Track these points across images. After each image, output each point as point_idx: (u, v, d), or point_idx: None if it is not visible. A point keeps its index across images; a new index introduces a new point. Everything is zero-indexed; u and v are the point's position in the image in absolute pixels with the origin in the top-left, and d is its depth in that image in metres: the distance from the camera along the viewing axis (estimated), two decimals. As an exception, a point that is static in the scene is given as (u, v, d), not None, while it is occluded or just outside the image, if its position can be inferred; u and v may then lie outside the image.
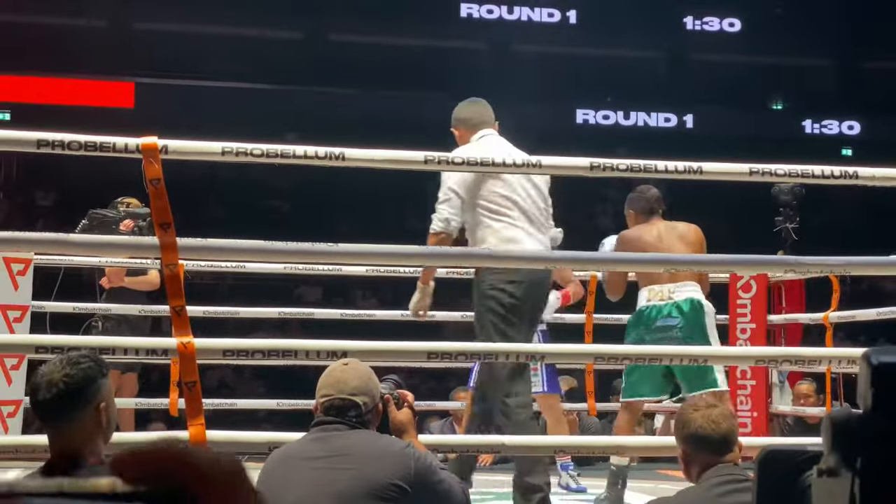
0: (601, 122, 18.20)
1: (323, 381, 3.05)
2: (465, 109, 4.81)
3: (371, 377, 3.06)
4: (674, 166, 3.83)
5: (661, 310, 5.17)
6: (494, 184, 4.42)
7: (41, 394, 2.70)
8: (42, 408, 2.72)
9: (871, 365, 1.05)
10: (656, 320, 5.16)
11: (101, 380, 2.74)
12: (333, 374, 3.04)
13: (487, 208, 4.44)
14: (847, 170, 3.90)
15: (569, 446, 4.06)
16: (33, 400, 2.75)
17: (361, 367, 3.09)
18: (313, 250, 3.95)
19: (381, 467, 2.86)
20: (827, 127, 18.69)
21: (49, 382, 2.69)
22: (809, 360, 3.95)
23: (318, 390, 3.04)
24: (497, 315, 4.20)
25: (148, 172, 3.63)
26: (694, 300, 5.13)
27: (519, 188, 4.46)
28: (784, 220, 7.20)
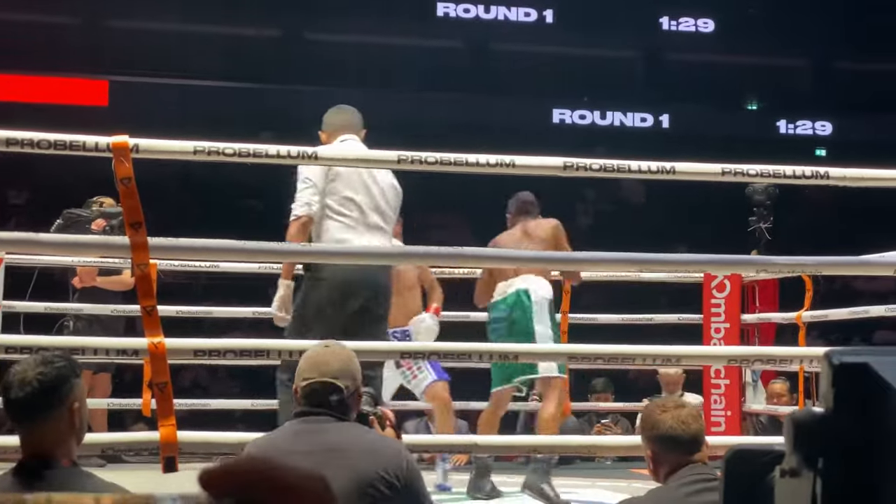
0: (577, 122, 18.23)
1: (303, 364, 2.98)
2: (330, 115, 5.00)
3: (353, 360, 3.00)
4: (647, 166, 3.84)
5: (495, 306, 5.37)
6: (340, 184, 4.54)
7: (14, 392, 2.67)
8: (15, 406, 2.69)
9: (833, 365, 1.05)
10: (493, 314, 5.36)
11: (75, 379, 2.72)
12: (315, 357, 2.98)
13: (330, 206, 4.55)
14: (818, 170, 3.92)
15: (542, 445, 4.06)
16: (5, 398, 2.71)
17: (343, 351, 3.02)
18: (283, 249, 3.94)
19: (374, 462, 2.79)
20: (801, 127, 18.78)
21: (22, 381, 2.66)
22: (781, 360, 3.97)
23: (299, 374, 2.97)
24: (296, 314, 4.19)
25: (118, 171, 3.62)
26: (520, 290, 5.24)
27: (362, 191, 4.57)
28: (758, 219, 7.24)
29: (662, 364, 3.97)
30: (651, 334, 7.80)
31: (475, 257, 4.43)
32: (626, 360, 3.83)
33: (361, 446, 2.83)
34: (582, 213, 17.59)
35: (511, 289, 5.30)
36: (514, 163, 3.77)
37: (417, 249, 4.18)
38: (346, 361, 2.96)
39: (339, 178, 4.53)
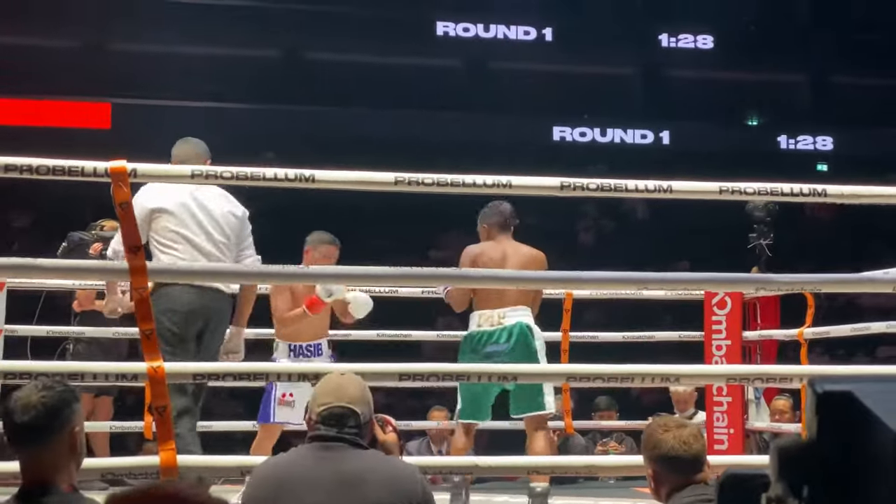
0: (578, 139, 18.25)
1: (320, 389, 3.00)
2: (175, 148, 5.07)
3: (367, 389, 3.04)
4: (644, 185, 3.84)
5: (491, 335, 5.20)
6: (167, 219, 4.70)
7: (17, 417, 2.69)
8: (17, 432, 2.71)
9: (816, 393, 1.06)
10: (486, 346, 5.19)
11: (75, 404, 2.77)
12: (332, 383, 3.01)
13: (159, 241, 4.70)
14: (816, 187, 3.92)
15: (545, 466, 4.06)
16: (7, 424, 2.73)
17: (357, 378, 3.07)
18: (284, 272, 3.94)
19: (393, 492, 2.82)
20: (802, 142, 18.78)
21: (25, 406, 2.69)
22: (781, 378, 3.96)
23: (315, 399, 2.98)
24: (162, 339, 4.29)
25: (117, 196, 3.63)
26: (523, 325, 5.18)
27: (192, 224, 4.70)
28: (758, 236, 7.22)
29: (662, 383, 3.96)
30: (653, 352, 7.79)
31: (475, 278, 4.44)
32: (625, 379, 3.83)
33: (380, 475, 2.85)
34: (583, 230, 17.59)
35: (507, 320, 5.20)
36: (510, 183, 3.77)
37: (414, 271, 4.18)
38: (362, 389, 3.01)
39: (165, 214, 4.71)
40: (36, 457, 2.69)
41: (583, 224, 17.60)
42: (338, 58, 17.71)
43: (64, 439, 2.70)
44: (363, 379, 3.26)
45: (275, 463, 3.05)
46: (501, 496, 5.99)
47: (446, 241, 16.42)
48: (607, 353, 7.36)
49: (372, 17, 17.54)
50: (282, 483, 2.87)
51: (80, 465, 2.81)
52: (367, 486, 2.81)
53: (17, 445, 2.73)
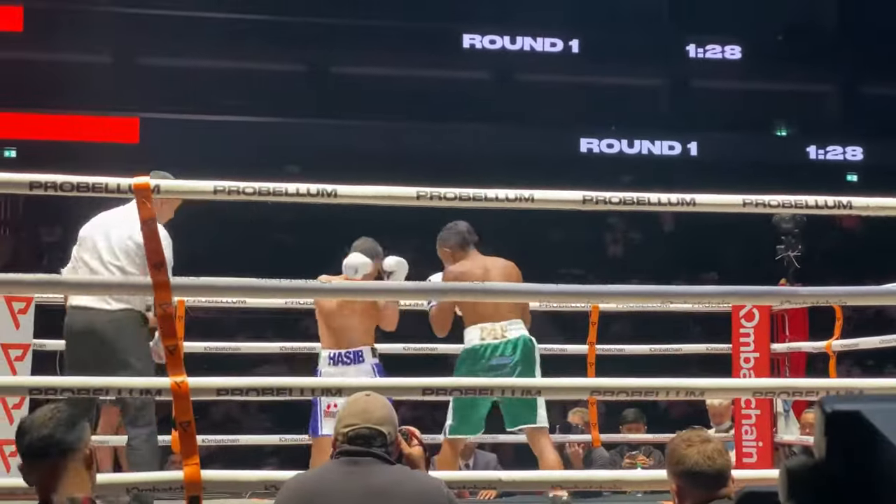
0: (605, 151, 18.21)
1: (345, 410, 3.01)
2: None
3: (392, 409, 3.06)
4: (667, 198, 3.83)
5: (496, 348, 5.23)
6: (80, 248, 4.94)
7: (32, 435, 2.75)
8: (32, 449, 2.75)
9: (825, 413, 1.05)
10: (491, 359, 5.21)
11: (85, 423, 2.83)
12: (358, 404, 3.02)
13: (76, 269, 4.90)
14: (842, 200, 3.89)
15: (569, 481, 4.05)
16: (23, 443, 2.78)
17: (383, 399, 3.08)
18: (307, 287, 3.95)
19: None
20: (831, 153, 18.67)
21: (39, 425, 2.75)
22: (808, 391, 3.93)
23: (340, 420, 2.99)
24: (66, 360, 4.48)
25: (141, 213, 3.65)
26: (525, 338, 5.23)
27: (92, 252, 4.88)
28: (786, 248, 7.17)
29: (687, 397, 3.95)
30: (682, 364, 7.75)
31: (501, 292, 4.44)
32: (650, 393, 3.81)
33: (406, 489, 2.87)
34: (611, 242, 17.56)
35: (510, 333, 5.22)
36: (533, 197, 3.76)
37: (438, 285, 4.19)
38: (388, 409, 3.02)
39: (81, 242, 4.96)
40: (51, 474, 2.74)
41: (611, 236, 17.56)
42: (363, 71, 17.77)
43: (78, 457, 2.77)
44: (388, 393, 3.27)
45: (304, 478, 3.07)
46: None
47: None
48: (635, 365, 7.36)
49: (398, 30, 17.60)
50: (311, 497, 2.89)
51: (95, 482, 2.86)
52: (394, 500, 2.82)
53: (32, 464, 2.79)
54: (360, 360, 5.65)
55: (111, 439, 6.61)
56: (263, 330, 12.17)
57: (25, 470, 2.81)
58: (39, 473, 2.77)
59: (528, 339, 5.24)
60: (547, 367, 6.20)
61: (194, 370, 5.48)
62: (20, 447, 2.81)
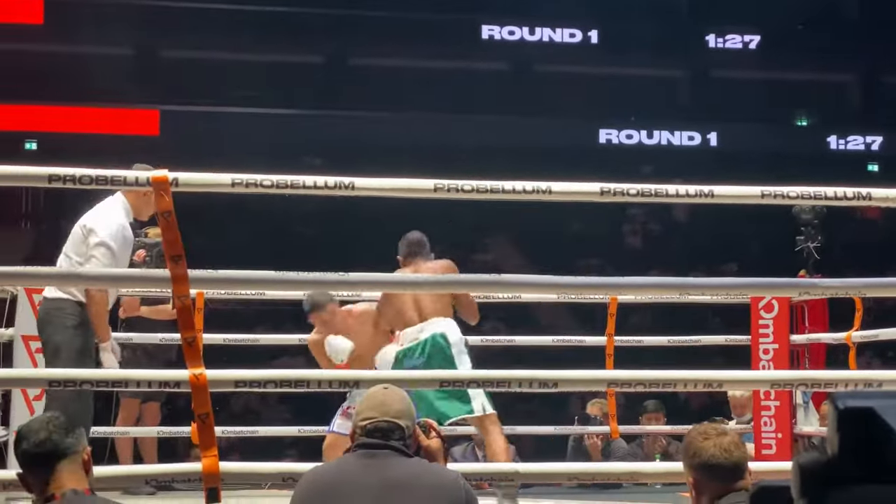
0: (624, 142, 18.15)
1: (363, 404, 3.02)
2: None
3: (410, 402, 3.06)
4: (685, 190, 3.82)
5: (408, 352, 5.20)
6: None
7: (31, 439, 2.80)
8: (31, 454, 2.81)
9: (837, 409, 1.04)
10: (404, 363, 5.19)
11: (80, 429, 2.90)
12: (376, 397, 3.02)
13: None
14: (861, 191, 3.87)
15: (586, 473, 4.04)
16: (22, 449, 2.84)
17: (401, 392, 3.09)
18: (323, 280, 3.96)
19: (441, 500, 2.84)
20: (852, 142, 18.57)
21: (36, 430, 2.81)
22: (826, 383, 3.92)
23: (358, 414, 3.00)
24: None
25: (159, 205, 3.66)
26: (436, 335, 5.14)
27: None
28: (805, 239, 7.15)
29: (704, 389, 3.94)
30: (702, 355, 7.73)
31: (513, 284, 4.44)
32: (668, 385, 3.81)
33: (424, 482, 2.87)
34: (630, 233, 17.52)
35: (423, 334, 5.17)
36: (550, 189, 3.76)
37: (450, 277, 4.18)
38: (406, 403, 3.03)
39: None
40: (50, 479, 2.78)
41: (630, 227, 17.52)
42: (382, 63, 17.76)
43: (76, 460, 2.82)
44: (406, 385, 3.27)
45: (322, 470, 3.08)
46: (546, 501, 5.98)
47: (493, 245, 16.43)
48: (654, 356, 7.35)
49: (416, 22, 17.58)
50: (328, 489, 2.90)
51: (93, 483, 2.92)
52: (412, 492, 2.83)
53: (31, 469, 2.83)
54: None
55: (132, 430, 6.65)
56: (282, 321, 12.20)
57: (25, 475, 2.85)
58: (38, 479, 2.81)
59: (437, 336, 5.14)
60: (565, 359, 6.20)
61: (213, 362, 5.53)
62: (18, 454, 2.87)
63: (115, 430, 6.47)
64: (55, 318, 4.91)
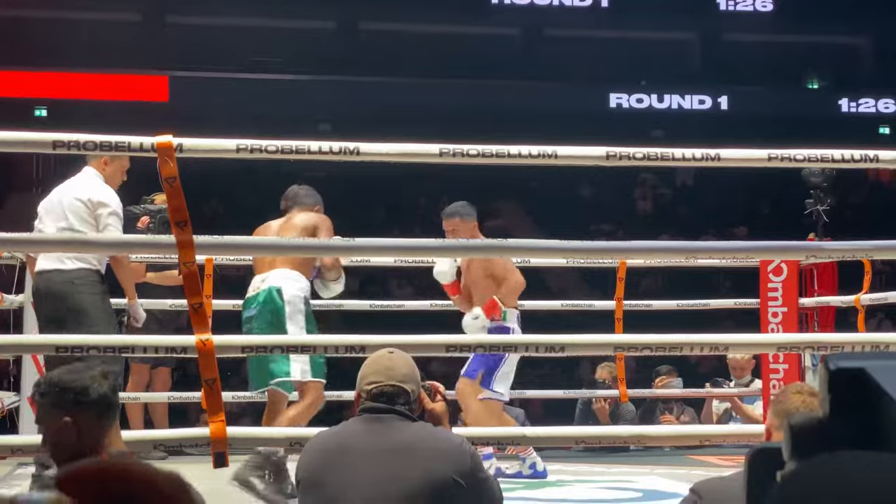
0: (635, 106, 18.08)
1: (369, 368, 3.01)
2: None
3: (415, 366, 3.05)
4: (691, 154, 3.80)
5: (247, 302, 5.05)
6: (40, 221, 5.33)
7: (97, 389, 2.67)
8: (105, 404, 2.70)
9: (829, 370, 1.04)
10: (244, 313, 5.07)
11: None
12: (381, 362, 3.01)
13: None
14: (868, 153, 3.85)
15: (592, 436, 4.05)
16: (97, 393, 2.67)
17: (406, 356, 3.07)
18: (329, 245, 3.96)
19: (444, 463, 2.84)
20: (863, 105, 18.48)
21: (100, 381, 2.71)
22: (833, 347, 3.92)
23: (363, 378, 2.99)
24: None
25: (163, 171, 3.65)
26: (272, 288, 4.90)
27: (44, 216, 5.25)
28: (815, 202, 7.12)
29: (711, 352, 3.94)
30: (712, 318, 7.73)
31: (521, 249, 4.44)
32: (674, 349, 3.81)
33: (429, 444, 2.87)
34: (640, 197, 17.49)
35: (264, 285, 4.96)
36: (556, 154, 3.75)
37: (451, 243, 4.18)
38: (411, 367, 3.02)
39: (39, 218, 5.32)
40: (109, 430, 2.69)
41: (640, 191, 17.49)
42: (393, 27, 17.70)
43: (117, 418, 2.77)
44: (412, 350, 3.27)
45: (327, 435, 3.07)
46: (555, 464, 6.00)
47: (504, 210, 16.41)
48: (664, 320, 7.35)
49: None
50: (334, 452, 2.90)
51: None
52: (417, 455, 2.84)
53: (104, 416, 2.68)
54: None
55: (142, 396, 6.68)
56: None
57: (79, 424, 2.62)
58: (97, 430, 2.64)
59: (272, 290, 4.91)
60: (574, 323, 6.21)
61: (223, 328, 5.54)
62: (88, 398, 2.65)
63: (126, 396, 6.50)
64: (81, 287, 4.96)
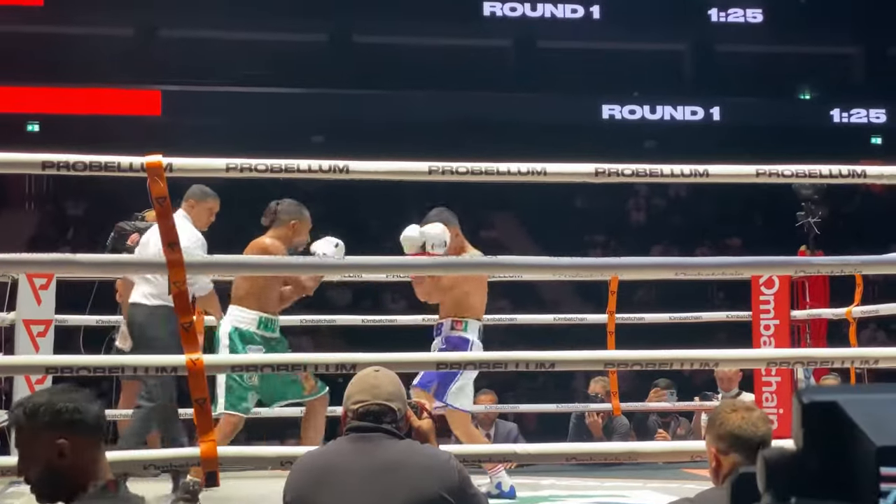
0: (627, 117, 18.14)
1: (355, 387, 3.00)
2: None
3: (401, 384, 3.05)
4: (679, 170, 3.81)
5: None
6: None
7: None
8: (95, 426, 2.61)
9: (802, 404, 1.05)
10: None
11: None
12: (367, 380, 3.00)
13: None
14: (856, 169, 3.87)
15: (584, 453, 4.05)
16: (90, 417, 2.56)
17: (392, 374, 3.07)
18: (321, 264, 3.96)
19: (431, 480, 2.83)
20: (855, 115, 18.54)
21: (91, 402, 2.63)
22: (822, 361, 3.92)
23: (349, 397, 2.99)
24: None
25: (153, 191, 3.65)
26: (215, 332, 5.18)
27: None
28: (806, 214, 7.12)
29: (701, 367, 3.95)
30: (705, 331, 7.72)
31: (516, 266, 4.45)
32: (664, 364, 3.81)
33: (416, 461, 2.87)
34: (634, 208, 17.51)
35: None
36: (545, 171, 3.75)
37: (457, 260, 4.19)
38: (397, 385, 3.01)
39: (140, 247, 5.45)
40: (100, 455, 2.58)
41: (634, 202, 17.52)
42: (385, 40, 17.73)
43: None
44: (404, 368, 3.27)
45: (315, 454, 3.07)
46: (548, 479, 5.99)
47: (498, 222, 16.42)
48: (657, 332, 7.35)
49: (419, -1, 17.56)
50: (322, 472, 2.90)
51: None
52: (404, 473, 2.83)
53: (94, 441, 2.56)
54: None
55: (132, 414, 6.65)
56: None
57: (78, 450, 2.47)
58: (92, 456, 2.48)
59: (215, 333, 5.20)
60: (568, 336, 6.22)
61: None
62: (82, 423, 2.47)
63: (118, 413, 6.49)
64: (157, 320, 5.08)
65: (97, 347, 6.52)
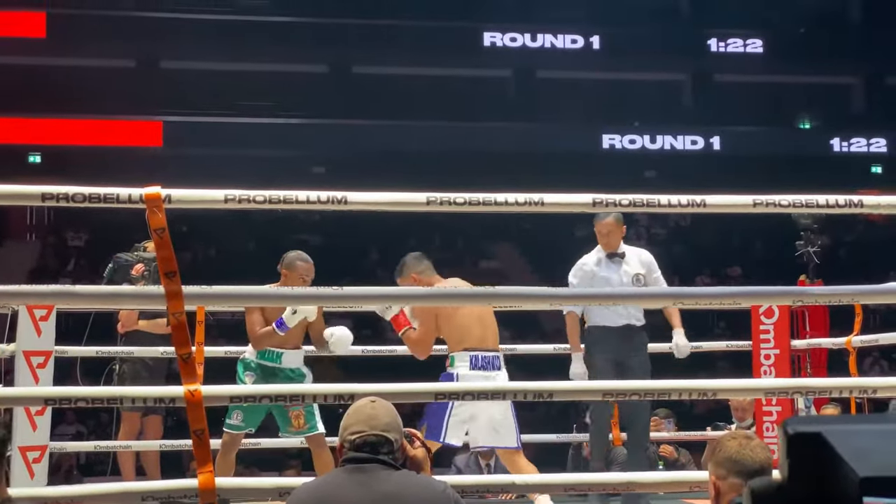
0: (628, 147, 18.19)
1: (351, 418, 3.01)
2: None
3: (397, 415, 3.05)
4: (677, 200, 3.81)
5: None
6: None
7: None
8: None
9: (787, 435, 1.05)
10: None
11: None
12: (364, 411, 3.01)
13: None
14: (853, 198, 3.87)
15: (583, 483, 4.04)
16: None
17: (388, 405, 3.07)
18: (319, 294, 3.96)
19: None
20: (855, 145, 18.58)
21: None
22: (821, 391, 3.91)
23: (346, 427, 2.99)
24: None
25: (152, 222, 3.66)
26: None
27: None
28: (805, 243, 7.12)
29: (700, 398, 3.94)
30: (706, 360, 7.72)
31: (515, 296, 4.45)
32: (663, 395, 3.81)
33: (414, 493, 2.87)
34: (634, 237, 17.51)
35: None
36: (542, 201, 3.75)
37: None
38: (393, 415, 3.02)
39: None
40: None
41: (634, 232, 17.52)
42: (386, 71, 17.81)
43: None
44: (403, 399, 3.27)
45: (312, 486, 3.07)
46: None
47: (499, 252, 16.43)
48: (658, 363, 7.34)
49: (419, 30, 17.63)
50: (319, 503, 2.90)
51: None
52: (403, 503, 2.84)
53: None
54: (497, 367, 5.28)
55: (133, 444, 6.65)
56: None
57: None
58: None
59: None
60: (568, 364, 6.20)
61: (220, 372, 5.56)
62: None
63: (117, 445, 6.48)
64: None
65: (96, 378, 6.53)
